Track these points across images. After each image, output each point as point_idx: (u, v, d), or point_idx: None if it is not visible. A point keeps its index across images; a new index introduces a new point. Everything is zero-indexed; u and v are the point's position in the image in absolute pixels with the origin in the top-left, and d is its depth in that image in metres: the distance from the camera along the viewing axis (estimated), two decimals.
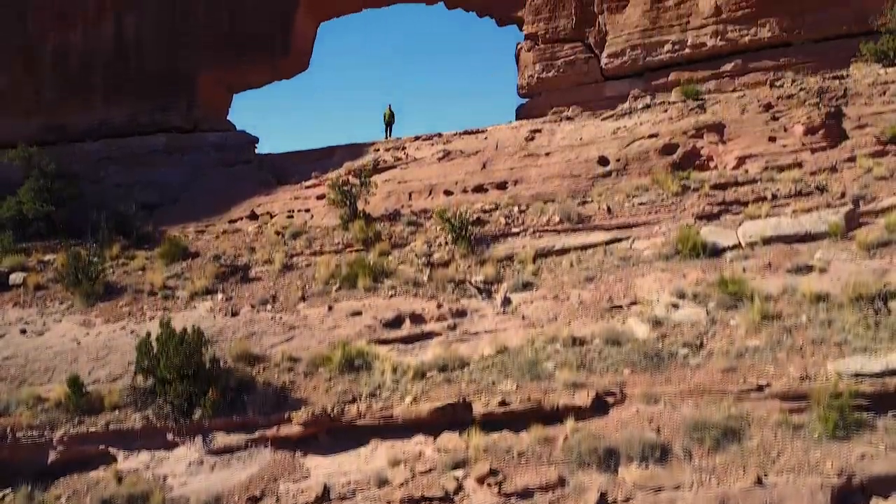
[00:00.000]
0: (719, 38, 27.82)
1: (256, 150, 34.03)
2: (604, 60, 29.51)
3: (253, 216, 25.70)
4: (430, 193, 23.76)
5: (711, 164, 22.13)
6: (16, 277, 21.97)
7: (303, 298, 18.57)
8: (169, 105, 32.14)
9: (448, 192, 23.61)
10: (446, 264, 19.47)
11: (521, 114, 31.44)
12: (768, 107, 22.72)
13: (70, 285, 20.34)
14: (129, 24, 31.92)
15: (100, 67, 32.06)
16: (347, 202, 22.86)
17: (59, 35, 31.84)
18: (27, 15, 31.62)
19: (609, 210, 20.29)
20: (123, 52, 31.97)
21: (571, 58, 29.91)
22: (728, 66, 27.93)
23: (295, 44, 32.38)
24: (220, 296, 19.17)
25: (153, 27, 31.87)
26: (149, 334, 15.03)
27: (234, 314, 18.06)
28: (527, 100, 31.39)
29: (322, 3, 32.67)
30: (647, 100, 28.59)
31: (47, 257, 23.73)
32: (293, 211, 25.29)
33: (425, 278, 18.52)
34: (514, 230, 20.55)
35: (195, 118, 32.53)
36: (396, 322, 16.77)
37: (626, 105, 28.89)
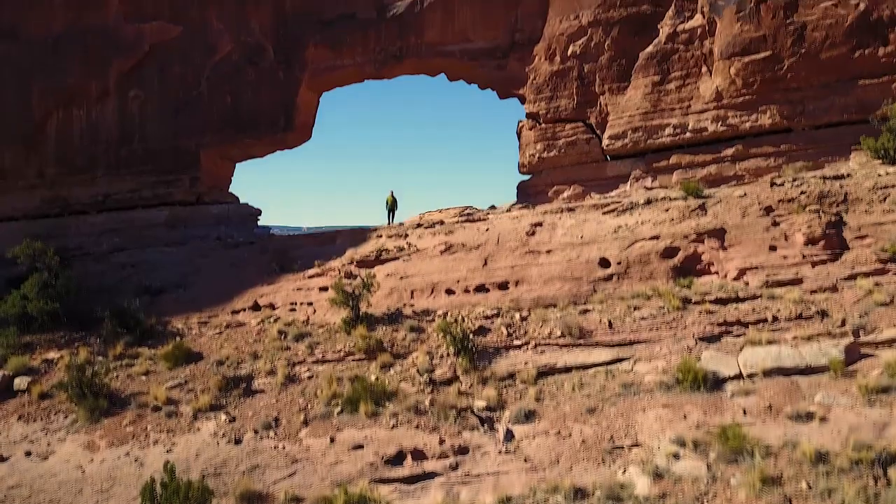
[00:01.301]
0: (720, 123, 27.95)
1: (259, 222, 34.36)
2: (605, 141, 29.65)
3: (256, 307, 25.84)
4: (431, 292, 23.88)
5: (713, 269, 22.24)
6: (20, 382, 22.15)
7: (305, 422, 18.65)
8: (172, 180, 32.40)
9: (450, 291, 23.73)
10: (449, 382, 19.57)
11: (523, 190, 31.62)
12: (769, 210, 22.83)
13: (74, 397, 20.47)
14: (133, 101, 32.14)
15: (103, 143, 32.32)
16: (350, 304, 22.97)
17: (63, 112, 32.08)
18: (31, 93, 31.83)
19: (610, 325, 20.39)
20: (127, 128, 32.22)
21: (573, 138, 30.05)
22: (729, 151, 28.05)
23: (298, 118, 32.60)
24: (223, 416, 19.25)
25: (156, 104, 32.11)
26: (153, 480, 15.14)
27: (238, 441, 18.14)
28: (528, 176, 31.51)
29: (324, 78, 32.88)
30: (649, 182, 28.95)
31: (52, 355, 23.96)
32: (296, 303, 25.42)
33: (427, 402, 18.59)
34: (516, 342, 20.65)
35: (198, 191, 32.79)
36: (398, 459, 16.84)
37: (628, 187, 29.16)
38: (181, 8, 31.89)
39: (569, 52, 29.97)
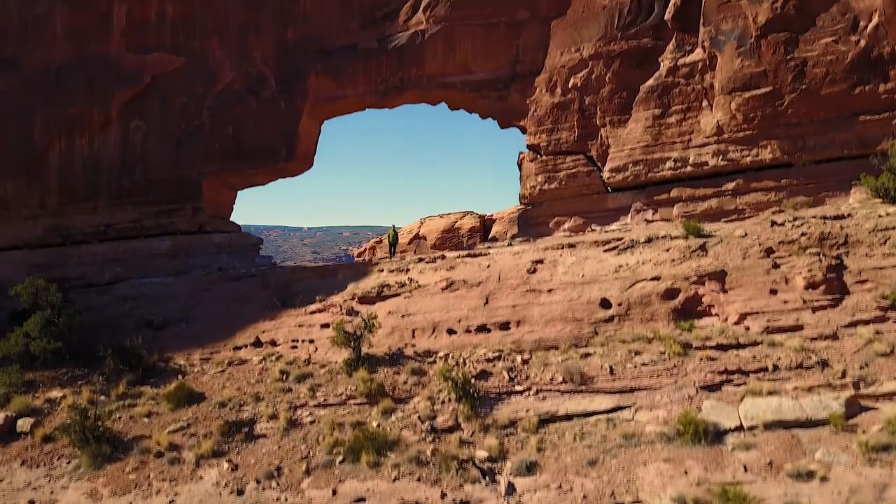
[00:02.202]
0: (721, 157, 28.03)
1: (260, 251, 34.43)
2: (606, 174, 29.73)
3: (258, 343, 25.93)
4: (433, 331, 23.94)
5: (713, 311, 22.29)
6: (23, 424, 22.25)
7: (307, 472, 18.69)
8: (174, 209, 32.52)
9: (451, 331, 23.80)
10: (451, 430, 19.60)
11: (524, 221, 31.71)
12: (769, 251, 22.89)
13: (77, 442, 20.53)
14: (135, 130, 32.24)
15: (105, 172, 32.44)
16: (351, 344, 23.03)
17: (65, 142, 32.18)
18: (33, 123, 31.93)
19: (611, 371, 20.43)
20: (128, 157, 32.34)
21: (574, 171, 30.13)
22: (730, 185, 28.13)
23: (299, 147, 32.70)
24: (225, 464, 19.30)
25: (158, 134, 32.22)
26: None
27: (240, 492, 18.20)
28: (530, 206, 31.56)
29: (325, 107, 33.01)
30: (650, 214, 29.01)
31: (54, 394, 24.04)
32: (297, 340, 25.51)
33: (429, 452, 18.63)
34: (518, 388, 20.69)
35: (200, 221, 32.87)
36: None
37: (629, 219, 29.24)
38: (183, 38, 31.99)
39: (570, 84, 30.06)
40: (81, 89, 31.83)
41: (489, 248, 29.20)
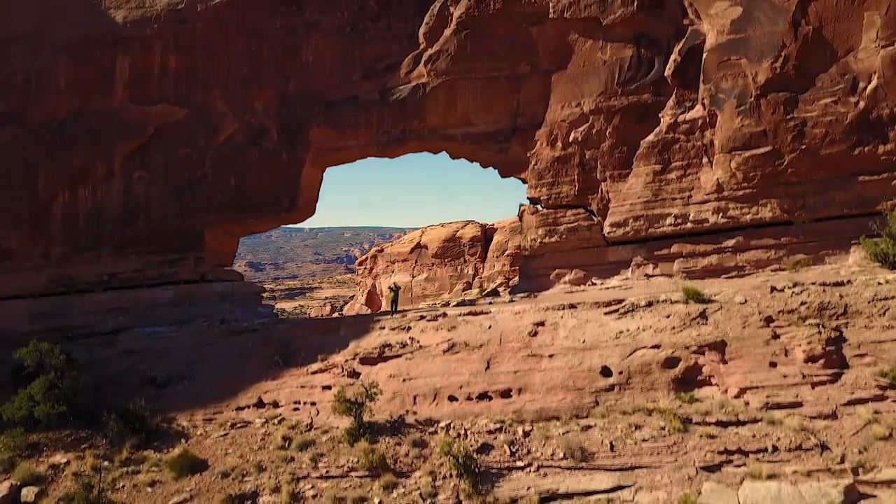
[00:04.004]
0: (721, 215, 28.15)
1: (263, 300, 34.57)
2: (606, 229, 29.85)
3: (260, 403, 26.05)
4: (434, 398, 24.05)
5: (713, 381, 22.39)
6: (27, 493, 22.42)
7: None
8: (176, 259, 32.69)
9: (452, 398, 23.90)
10: None
11: (525, 272, 31.83)
12: (769, 321, 23.00)
13: None
14: (138, 181, 32.41)
15: (108, 223, 32.58)
16: (353, 412, 23.16)
17: (69, 192, 32.34)
18: (37, 175, 32.13)
19: (612, 447, 20.53)
20: (131, 208, 32.49)
21: (574, 224, 30.26)
22: (730, 242, 28.24)
23: (301, 197, 32.89)
24: None
25: (161, 185, 32.38)
26: None
27: None
28: (531, 258, 31.68)
29: (327, 158, 33.20)
30: (650, 269, 29.13)
31: (58, 458, 24.17)
32: (300, 402, 25.62)
33: None
34: (519, 464, 20.78)
35: (202, 270, 33.03)
36: None
37: (629, 273, 29.37)
38: (185, 91, 32.17)
39: (570, 139, 30.22)
40: (84, 141, 32.01)
41: (490, 303, 29.38)
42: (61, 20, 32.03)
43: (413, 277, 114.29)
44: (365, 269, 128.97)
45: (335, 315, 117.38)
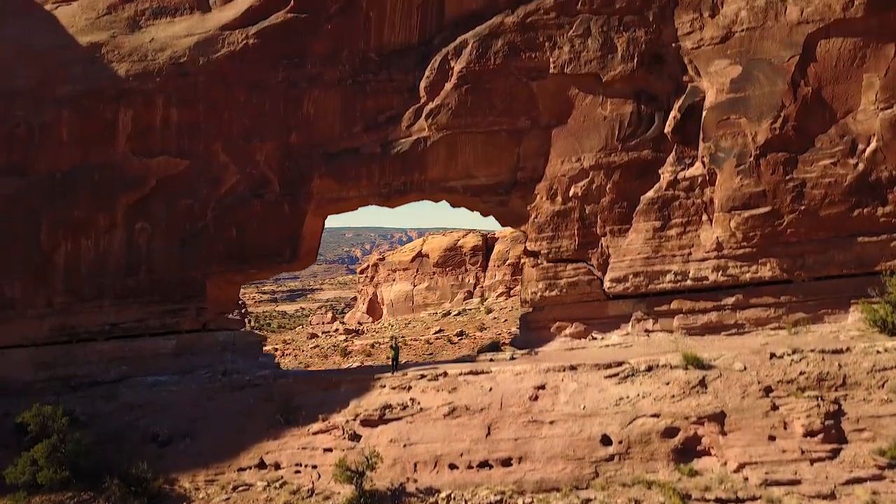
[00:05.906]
0: (720, 273, 28.26)
1: (264, 349, 34.71)
2: (606, 283, 29.96)
3: (261, 464, 26.21)
4: (435, 466, 24.19)
5: (713, 452, 22.52)
6: None
7: None
8: (178, 309, 32.82)
9: (453, 466, 24.03)
10: None
11: (526, 324, 31.94)
12: (768, 390, 23.14)
13: None
14: (140, 232, 32.56)
15: (111, 273, 32.70)
16: (353, 481, 23.29)
17: (72, 243, 32.49)
18: (40, 226, 32.30)
19: None
20: (133, 258, 32.62)
21: (574, 279, 30.35)
22: (730, 300, 28.34)
23: (302, 247, 33.05)
24: None
25: (163, 236, 32.52)
26: None
27: None
28: (531, 310, 31.77)
29: (328, 207, 33.32)
30: (650, 324, 29.31)
31: None
32: (301, 465, 25.78)
33: None
34: None
35: (204, 319, 33.17)
36: None
37: (629, 328, 29.50)
38: (188, 143, 32.31)
39: (570, 193, 30.33)
40: (87, 193, 32.17)
41: (491, 360, 29.49)
42: (64, 74, 32.19)
43: (414, 286, 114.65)
44: (366, 277, 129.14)
45: (336, 322, 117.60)
